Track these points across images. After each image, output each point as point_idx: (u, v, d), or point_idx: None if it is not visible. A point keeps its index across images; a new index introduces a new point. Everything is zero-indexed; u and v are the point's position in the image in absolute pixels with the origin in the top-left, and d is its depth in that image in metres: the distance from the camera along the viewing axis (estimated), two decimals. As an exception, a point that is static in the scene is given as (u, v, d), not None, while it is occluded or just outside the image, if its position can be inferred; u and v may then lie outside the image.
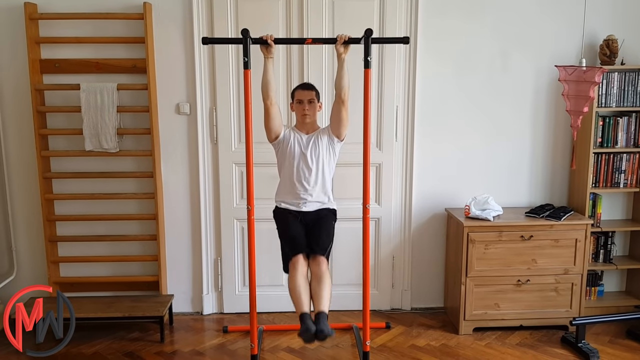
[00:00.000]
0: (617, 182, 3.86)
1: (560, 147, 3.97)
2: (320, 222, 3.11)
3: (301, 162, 3.08)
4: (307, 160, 3.07)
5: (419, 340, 3.65)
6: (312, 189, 3.09)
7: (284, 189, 3.16)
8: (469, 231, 3.59)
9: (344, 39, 2.90)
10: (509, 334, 3.71)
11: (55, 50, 3.65)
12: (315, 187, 3.10)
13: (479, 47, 3.81)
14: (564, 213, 3.70)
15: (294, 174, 3.09)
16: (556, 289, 3.69)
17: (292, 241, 3.05)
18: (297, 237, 3.05)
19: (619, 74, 3.73)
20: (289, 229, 3.08)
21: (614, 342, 3.61)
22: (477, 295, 3.67)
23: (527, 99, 3.90)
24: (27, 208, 3.85)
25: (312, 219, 3.11)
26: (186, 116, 3.79)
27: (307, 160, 3.07)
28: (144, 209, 3.86)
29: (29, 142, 3.71)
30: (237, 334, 3.74)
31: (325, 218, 3.14)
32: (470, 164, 3.95)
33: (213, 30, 3.68)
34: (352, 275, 3.94)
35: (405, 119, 3.86)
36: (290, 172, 3.10)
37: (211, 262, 3.99)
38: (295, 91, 3.15)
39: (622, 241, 4.11)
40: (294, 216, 3.11)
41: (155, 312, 3.59)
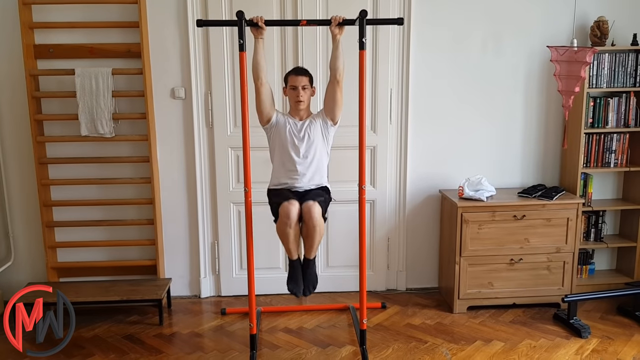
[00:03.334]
0: (608, 162, 3.93)
1: (552, 128, 4.03)
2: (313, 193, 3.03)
3: (294, 149, 3.03)
4: (301, 146, 3.03)
5: (415, 319, 3.71)
6: (305, 175, 3.05)
7: (277, 177, 3.12)
8: (462, 212, 3.64)
9: (338, 20, 2.90)
10: (502, 312, 3.78)
11: (49, 36, 3.65)
12: (309, 173, 3.06)
13: (471, 29, 3.84)
14: (556, 193, 3.76)
15: (288, 161, 3.05)
16: (548, 268, 3.76)
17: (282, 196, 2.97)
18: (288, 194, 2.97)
19: (610, 55, 3.77)
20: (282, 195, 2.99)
21: (604, 319, 3.69)
22: (471, 274, 3.73)
23: (520, 80, 3.94)
24: (23, 194, 3.86)
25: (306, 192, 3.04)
26: (181, 100, 3.80)
27: (301, 146, 3.03)
28: (140, 194, 3.88)
29: (25, 127, 3.71)
30: (235, 315, 3.78)
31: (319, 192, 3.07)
32: (463, 145, 3.99)
33: (207, 13, 3.68)
34: (347, 257, 3.99)
35: (399, 101, 3.89)
36: (283, 159, 3.06)
37: (208, 246, 4.02)
38: (288, 76, 3.10)
39: (613, 220, 4.18)
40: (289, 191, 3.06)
41: (154, 295, 3.62)
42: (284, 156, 3.06)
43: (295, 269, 3.05)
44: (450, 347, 3.34)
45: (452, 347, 3.34)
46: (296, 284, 3.01)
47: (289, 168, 3.06)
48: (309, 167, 3.05)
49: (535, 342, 3.39)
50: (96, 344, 3.41)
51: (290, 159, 3.04)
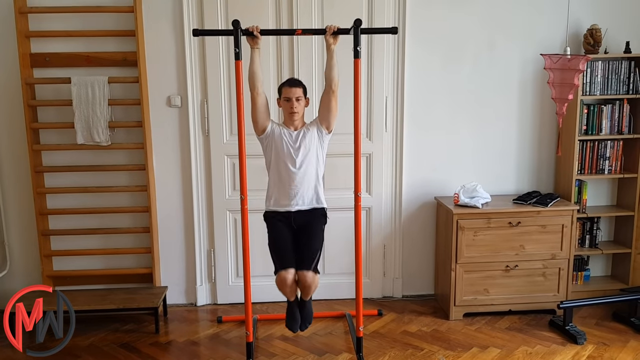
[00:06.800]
0: (602, 168, 3.95)
1: (547, 135, 4.05)
2: (309, 231, 3.10)
3: (290, 159, 3.04)
4: (297, 156, 3.04)
5: (411, 326, 3.71)
6: (302, 186, 3.06)
7: (273, 188, 3.12)
8: (458, 218, 3.66)
9: (333, 29, 2.93)
10: (498, 319, 3.78)
11: (45, 44, 3.65)
12: (305, 184, 3.06)
13: (466, 37, 3.87)
14: (551, 199, 3.78)
15: (283, 171, 3.05)
16: (544, 274, 3.77)
17: (280, 253, 3.08)
18: (285, 250, 3.07)
19: (603, 62, 3.81)
20: (278, 240, 3.09)
21: (600, 325, 3.70)
22: (467, 281, 3.74)
23: (514, 88, 3.97)
24: (19, 202, 3.85)
25: (302, 223, 3.10)
26: (177, 108, 3.81)
27: (297, 156, 3.04)
28: (136, 202, 3.88)
29: (21, 136, 3.71)
30: (232, 324, 3.78)
31: (316, 223, 3.12)
32: (458, 152, 4.01)
33: (203, 22, 3.70)
34: (343, 265, 3.99)
35: (394, 109, 3.91)
36: (279, 169, 3.07)
37: (204, 254, 4.02)
38: (282, 88, 3.10)
39: (607, 226, 4.20)
40: (285, 222, 3.09)
41: (150, 303, 3.62)
42: (280, 166, 3.06)
43: (292, 309, 3.18)
44: (447, 354, 3.34)
45: (449, 354, 3.35)
46: (294, 322, 3.17)
47: (285, 179, 3.06)
48: (304, 177, 3.06)
49: (532, 349, 3.39)
50: (92, 352, 3.40)
51: (287, 169, 3.05)
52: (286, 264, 3.01)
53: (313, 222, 3.13)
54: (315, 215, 3.14)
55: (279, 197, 3.10)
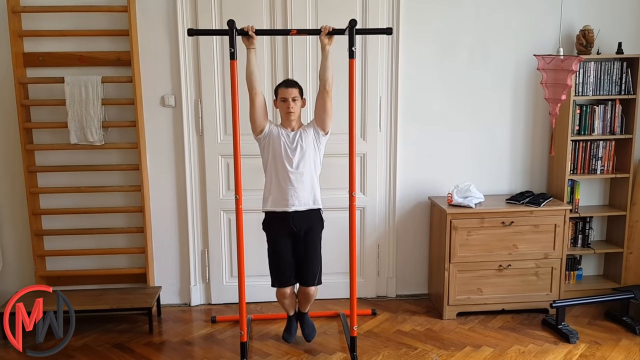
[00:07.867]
0: (594, 168, 3.98)
1: (539, 135, 4.07)
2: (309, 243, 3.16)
3: (288, 159, 3.06)
4: (294, 157, 3.06)
5: (405, 325, 3.73)
6: (299, 186, 3.07)
7: (270, 189, 3.13)
8: (451, 218, 3.67)
9: (328, 29, 2.94)
10: (491, 318, 3.80)
11: (38, 44, 3.64)
12: (302, 185, 3.08)
13: (459, 38, 3.88)
14: (544, 199, 3.80)
15: (280, 171, 3.07)
16: (536, 274, 3.79)
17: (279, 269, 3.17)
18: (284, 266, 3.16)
19: (595, 63, 3.83)
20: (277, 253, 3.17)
21: (592, 324, 3.73)
22: (460, 280, 3.75)
23: (507, 89, 3.99)
24: (12, 202, 3.84)
25: (302, 227, 3.12)
26: (171, 108, 3.81)
27: (294, 156, 3.06)
28: (130, 202, 3.87)
29: (13, 135, 3.70)
30: (226, 324, 3.78)
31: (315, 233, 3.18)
32: (452, 153, 4.03)
33: (197, 22, 3.69)
34: (337, 264, 3.98)
35: (388, 109, 3.92)
36: (276, 170, 3.08)
37: (198, 254, 4.02)
38: (278, 89, 3.12)
39: (600, 226, 4.23)
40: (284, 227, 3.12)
41: (144, 303, 3.61)
42: (278, 166, 3.08)
43: (291, 323, 3.41)
44: (440, 353, 3.35)
45: (442, 353, 3.36)
46: (290, 334, 3.39)
47: (282, 179, 3.07)
48: (301, 178, 3.07)
49: (524, 348, 3.41)
50: (85, 352, 3.39)
51: (284, 169, 3.06)
52: (284, 283, 3.18)
53: (312, 231, 3.17)
54: (313, 220, 3.17)
55: (276, 197, 3.12)
